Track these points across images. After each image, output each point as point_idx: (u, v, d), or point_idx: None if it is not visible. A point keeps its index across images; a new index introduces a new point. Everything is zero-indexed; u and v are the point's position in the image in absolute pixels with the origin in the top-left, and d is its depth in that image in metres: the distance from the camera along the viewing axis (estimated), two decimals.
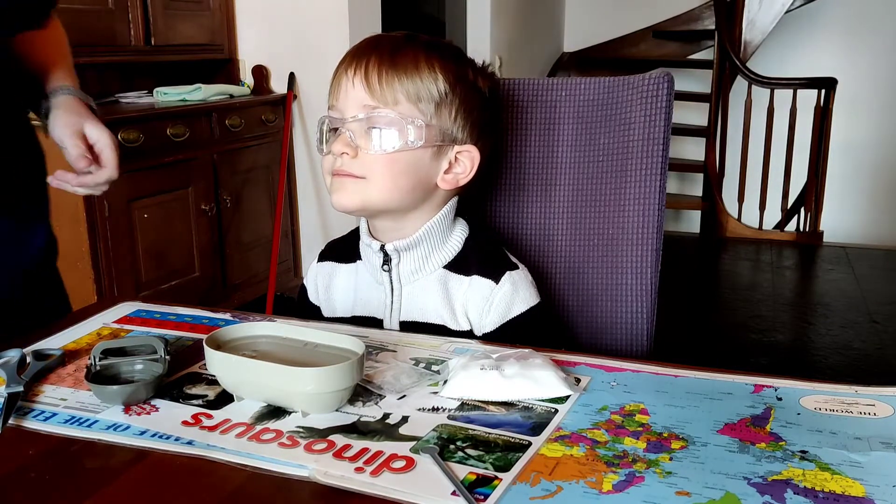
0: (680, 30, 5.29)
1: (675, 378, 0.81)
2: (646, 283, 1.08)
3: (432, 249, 1.00)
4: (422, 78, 0.93)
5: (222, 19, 3.31)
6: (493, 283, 0.99)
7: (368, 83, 0.93)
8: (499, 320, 0.98)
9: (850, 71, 4.91)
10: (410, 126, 0.93)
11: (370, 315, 1.03)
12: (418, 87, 0.93)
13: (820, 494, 0.61)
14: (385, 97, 0.93)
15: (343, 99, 0.95)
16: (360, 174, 0.94)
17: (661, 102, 1.07)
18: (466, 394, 0.77)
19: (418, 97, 0.94)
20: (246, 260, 3.18)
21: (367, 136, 0.94)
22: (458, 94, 0.95)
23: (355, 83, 0.93)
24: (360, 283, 1.04)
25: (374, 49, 0.94)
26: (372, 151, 0.93)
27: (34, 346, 0.89)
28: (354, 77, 0.93)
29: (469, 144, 0.98)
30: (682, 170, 4.99)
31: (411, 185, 0.96)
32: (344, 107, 0.95)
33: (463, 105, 0.96)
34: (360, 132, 0.94)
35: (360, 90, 0.93)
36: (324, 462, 0.66)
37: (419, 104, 0.94)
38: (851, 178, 5.17)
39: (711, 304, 3.79)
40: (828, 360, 3.02)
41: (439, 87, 0.94)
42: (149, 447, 0.69)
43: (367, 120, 0.93)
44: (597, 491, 0.61)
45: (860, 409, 0.74)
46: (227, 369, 0.76)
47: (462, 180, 0.99)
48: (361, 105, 0.93)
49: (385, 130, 0.93)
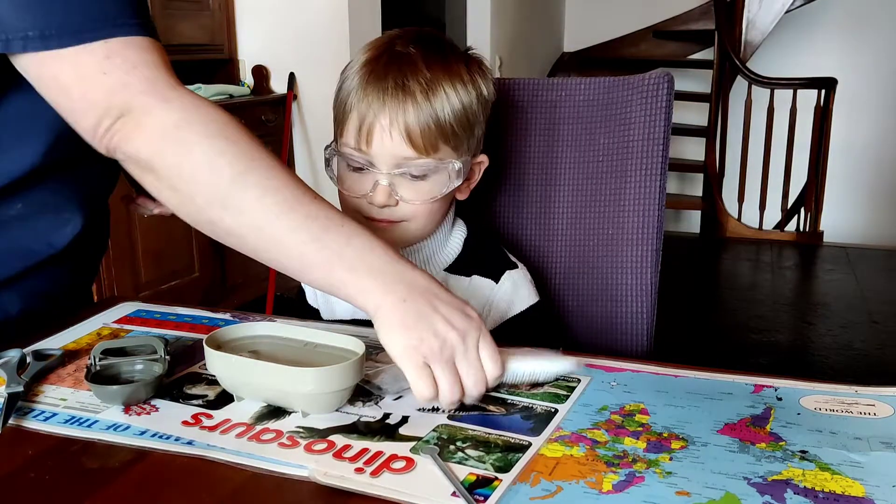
0: (680, 30, 5.29)
1: (675, 378, 0.81)
2: (646, 283, 1.08)
3: (434, 253, 1.01)
4: (454, 114, 0.92)
5: (222, 19, 3.31)
6: (493, 282, 0.99)
7: (409, 135, 0.90)
8: (499, 319, 0.99)
9: (850, 71, 4.91)
10: (452, 172, 0.94)
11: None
12: (453, 125, 0.92)
13: (820, 494, 0.61)
14: (426, 146, 0.91)
15: (378, 147, 0.92)
16: (401, 219, 0.95)
17: (661, 102, 1.07)
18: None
19: (455, 135, 0.93)
20: (246, 260, 3.15)
21: (407, 185, 0.93)
22: (481, 115, 0.96)
23: (393, 136, 0.90)
24: None
25: (405, 89, 0.90)
26: (416, 201, 0.93)
27: (34, 346, 0.89)
28: (391, 127, 0.90)
29: (481, 154, 1.00)
30: (682, 170, 5.00)
31: (444, 213, 0.99)
32: (377, 154, 0.92)
33: (483, 123, 0.98)
34: (400, 182, 0.93)
35: (400, 141, 0.91)
36: (324, 462, 0.66)
37: (455, 139, 0.93)
38: (851, 178, 5.17)
39: (711, 304, 3.79)
40: (828, 360, 3.02)
41: (468, 116, 0.94)
42: (149, 447, 0.69)
43: (407, 171, 0.92)
44: (597, 491, 0.61)
45: (860, 409, 0.74)
46: (227, 369, 0.76)
47: (473, 185, 1.01)
48: (401, 157, 0.92)
49: (427, 179, 0.93)
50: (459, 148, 0.94)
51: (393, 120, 0.90)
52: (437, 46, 0.96)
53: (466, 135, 0.94)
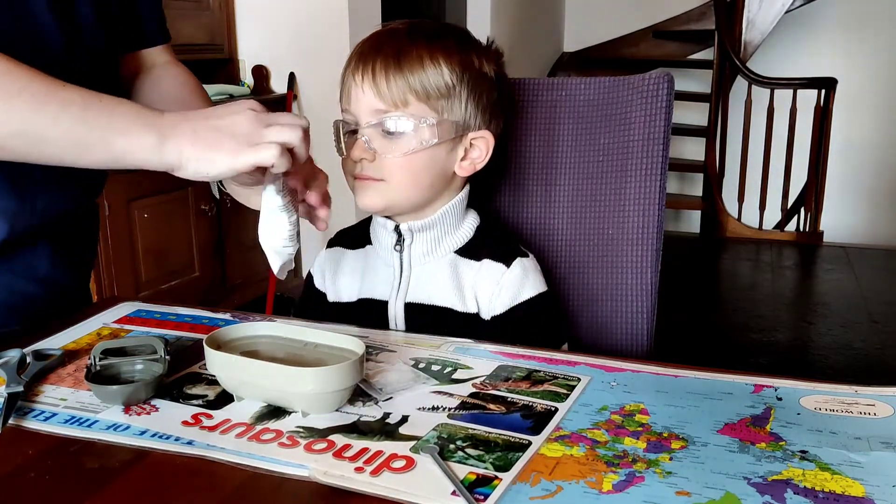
0: (680, 30, 5.29)
1: (675, 378, 0.82)
2: (646, 282, 1.08)
3: (445, 233, 1.01)
4: (428, 75, 0.94)
5: (222, 19, 3.31)
6: (504, 266, 1.00)
7: (377, 89, 0.94)
8: (509, 303, 1.00)
9: (850, 71, 4.91)
10: (423, 126, 0.95)
11: (376, 298, 1.04)
12: (426, 85, 0.94)
13: (820, 494, 0.61)
14: (395, 100, 0.94)
15: (355, 104, 0.97)
16: (380, 177, 0.97)
17: (661, 102, 1.07)
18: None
19: (427, 95, 0.95)
20: (246, 260, 3.18)
21: (382, 139, 0.95)
22: (466, 84, 0.96)
23: (364, 89, 0.95)
24: (368, 267, 1.06)
25: (378, 51, 0.95)
26: (389, 155, 0.95)
27: (34, 346, 0.89)
28: (363, 83, 0.95)
29: (483, 130, 0.99)
30: (682, 170, 4.99)
31: (430, 181, 0.98)
32: (356, 111, 0.97)
33: (472, 93, 0.97)
34: (376, 136, 0.96)
35: (371, 96, 0.95)
36: (324, 462, 0.66)
37: (429, 101, 0.95)
38: (851, 178, 5.17)
39: (711, 304, 3.79)
40: (828, 360, 3.02)
41: (446, 81, 0.95)
42: (149, 447, 0.69)
43: (380, 124, 0.95)
44: (597, 491, 0.61)
45: (860, 409, 0.74)
46: (227, 369, 0.76)
47: (479, 165, 1.01)
48: (373, 110, 0.95)
49: (399, 133, 0.95)
50: (437, 108, 0.95)
51: (364, 74, 0.95)
52: (432, 27, 0.99)
53: (445, 98, 0.95)
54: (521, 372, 0.83)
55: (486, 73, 0.99)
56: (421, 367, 0.84)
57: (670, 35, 5.31)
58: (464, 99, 0.97)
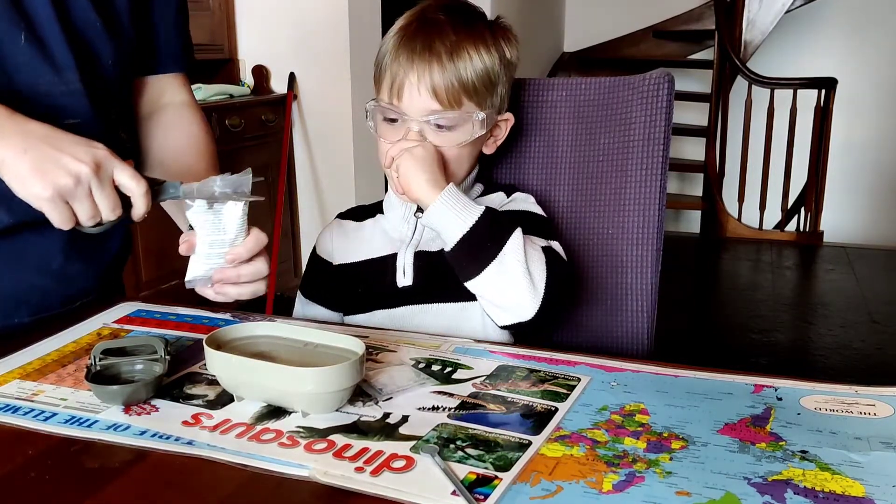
0: (680, 30, 5.29)
1: (675, 378, 0.82)
2: (646, 282, 1.08)
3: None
4: (478, 75, 1.00)
5: (222, 19, 3.31)
6: (505, 196, 1.09)
7: (435, 92, 0.99)
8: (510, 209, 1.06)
9: (850, 71, 4.91)
10: (476, 120, 1.01)
11: (386, 254, 1.08)
12: (476, 85, 1.00)
13: (820, 494, 0.61)
14: (451, 101, 1.00)
15: (407, 101, 1.01)
16: None
17: (661, 102, 1.07)
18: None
19: (476, 92, 1.01)
20: None
21: (433, 133, 1.01)
22: (502, 76, 1.04)
23: (421, 91, 0.99)
24: (377, 231, 1.11)
25: (431, 51, 0.99)
26: (445, 147, 1.01)
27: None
28: (419, 84, 0.99)
29: (507, 113, 1.07)
30: (682, 170, 4.99)
31: (470, 164, 1.07)
32: (409, 108, 1.01)
33: (506, 83, 1.05)
34: (428, 129, 1.01)
35: (427, 97, 1.00)
36: (324, 462, 0.66)
37: (477, 97, 1.01)
38: (851, 178, 5.17)
39: (711, 304, 3.79)
40: (828, 360, 3.02)
41: (493, 79, 1.02)
42: (149, 447, 0.69)
43: (434, 121, 1.00)
44: (597, 491, 0.61)
45: (860, 409, 0.74)
46: (227, 369, 0.76)
47: (500, 142, 1.09)
48: (429, 110, 1.00)
49: (451, 127, 1.01)
50: (483, 103, 1.02)
51: (420, 77, 0.99)
52: (465, 13, 1.05)
53: (489, 92, 1.02)
54: (521, 372, 0.83)
55: (511, 59, 1.06)
56: (421, 366, 0.84)
57: (670, 35, 5.31)
58: (500, 89, 1.04)
